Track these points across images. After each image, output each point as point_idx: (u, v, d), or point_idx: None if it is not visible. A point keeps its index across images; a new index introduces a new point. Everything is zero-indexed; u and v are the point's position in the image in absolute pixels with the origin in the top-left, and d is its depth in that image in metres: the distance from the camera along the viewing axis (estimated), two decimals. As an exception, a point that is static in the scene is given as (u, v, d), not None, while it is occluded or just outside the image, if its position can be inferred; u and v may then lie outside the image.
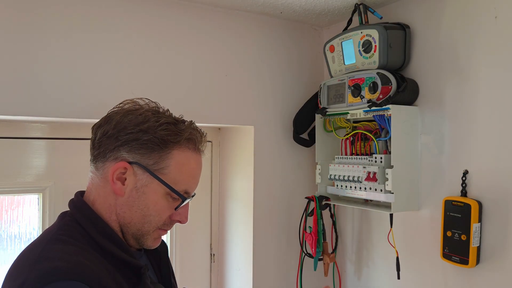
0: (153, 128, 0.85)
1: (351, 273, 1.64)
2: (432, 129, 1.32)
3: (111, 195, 0.86)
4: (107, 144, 0.85)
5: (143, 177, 0.85)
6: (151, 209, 0.86)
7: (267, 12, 1.56)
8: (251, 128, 1.60)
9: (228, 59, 1.54)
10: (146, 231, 0.87)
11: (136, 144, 0.84)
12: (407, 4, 1.39)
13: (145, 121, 0.85)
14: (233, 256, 1.71)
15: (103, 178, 0.86)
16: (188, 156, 0.89)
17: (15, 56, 1.21)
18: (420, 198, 1.35)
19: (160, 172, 0.85)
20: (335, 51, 1.46)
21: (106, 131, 0.86)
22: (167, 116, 0.88)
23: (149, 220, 0.87)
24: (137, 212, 0.86)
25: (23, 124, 1.41)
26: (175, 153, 0.86)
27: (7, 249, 1.41)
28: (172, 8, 1.44)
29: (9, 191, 1.41)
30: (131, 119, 0.85)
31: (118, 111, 0.88)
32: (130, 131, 0.84)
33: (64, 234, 0.82)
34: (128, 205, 0.85)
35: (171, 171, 0.86)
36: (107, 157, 0.85)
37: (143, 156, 0.84)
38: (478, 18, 1.20)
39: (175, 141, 0.86)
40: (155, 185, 0.85)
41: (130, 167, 0.84)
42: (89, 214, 0.85)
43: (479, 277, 1.20)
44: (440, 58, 1.30)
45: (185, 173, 0.88)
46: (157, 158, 0.85)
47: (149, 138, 0.84)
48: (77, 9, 1.29)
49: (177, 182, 0.87)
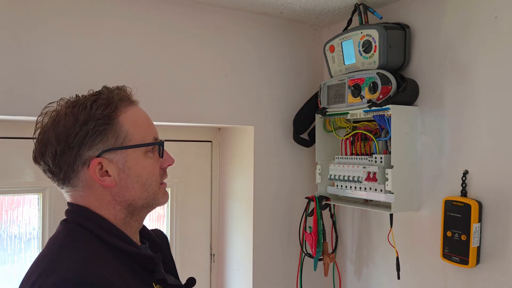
0: (88, 115, 0.83)
1: (351, 273, 1.64)
2: (432, 129, 1.32)
3: (104, 193, 0.86)
4: (65, 160, 0.84)
5: (118, 157, 0.85)
6: (144, 175, 0.88)
7: (267, 12, 1.57)
8: (251, 128, 1.60)
9: (228, 59, 1.54)
10: (153, 193, 0.89)
11: (89, 138, 0.83)
12: (407, 4, 1.39)
13: (77, 115, 0.83)
14: (233, 256, 1.71)
15: (86, 186, 0.85)
16: (131, 113, 0.89)
17: (15, 56, 1.21)
18: (420, 198, 1.35)
19: (126, 142, 0.86)
20: (335, 51, 1.46)
21: (54, 152, 0.84)
22: (86, 98, 0.87)
23: (149, 184, 0.89)
24: (135, 187, 0.87)
25: (23, 124, 1.41)
26: (121, 119, 0.86)
27: (7, 249, 1.41)
28: (172, 8, 1.44)
29: (9, 191, 1.41)
30: (64, 124, 0.83)
31: (44, 130, 0.86)
32: (75, 132, 0.83)
33: (72, 239, 0.82)
34: (125, 188, 0.86)
35: (131, 133, 0.86)
36: (76, 169, 0.84)
37: (102, 142, 0.84)
38: (478, 18, 1.20)
39: (113, 110, 0.86)
40: (132, 154, 0.86)
41: (102, 159, 0.84)
42: (92, 216, 0.85)
43: (479, 277, 1.20)
44: (440, 58, 1.30)
45: (141, 125, 0.89)
46: (114, 134, 0.85)
47: (94, 125, 0.83)
48: (78, 9, 1.29)
49: (143, 137, 0.88)
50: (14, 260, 1.42)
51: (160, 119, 1.42)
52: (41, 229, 1.43)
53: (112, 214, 0.87)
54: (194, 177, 1.73)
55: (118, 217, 0.87)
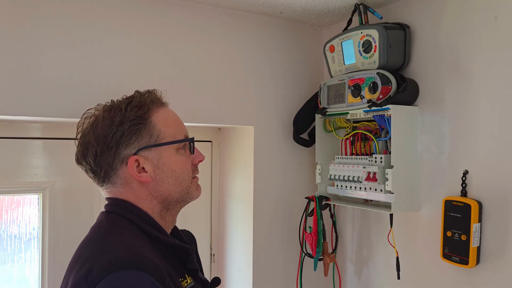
0: (123, 116, 0.91)
1: (351, 273, 1.64)
2: (432, 129, 1.32)
3: (141, 189, 0.92)
4: (105, 159, 0.91)
5: (153, 154, 0.92)
6: (178, 170, 0.94)
7: (267, 12, 1.56)
8: (251, 128, 1.60)
9: (228, 59, 1.54)
10: (186, 187, 0.96)
11: (125, 138, 0.90)
12: (407, 4, 1.39)
13: (113, 116, 0.91)
14: (233, 256, 1.71)
15: (124, 183, 0.92)
16: (163, 113, 0.96)
17: (15, 56, 1.21)
18: (420, 198, 1.35)
19: (159, 140, 0.92)
20: (335, 51, 1.46)
21: (94, 152, 0.91)
22: (120, 102, 0.94)
23: (183, 178, 0.95)
24: (170, 182, 0.93)
25: (23, 124, 1.41)
26: (154, 119, 0.93)
27: (7, 249, 1.41)
28: (171, 8, 1.44)
29: (9, 191, 1.41)
30: (102, 127, 0.91)
31: (85, 134, 0.94)
32: (112, 133, 0.90)
33: (116, 226, 0.88)
34: (160, 183, 0.93)
35: (164, 131, 0.93)
36: (115, 167, 0.91)
37: (138, 141, 0.91)
38: (478, 18, 1.20)
39: (146, 111, 0.93)
40: (165, 151, 0.93)
41: (138, 156, 0.90)
42: (132, 208, 0.91)
43: (479, 277, 1.20)
44: (440, 58, 1.30)
45: (172, 124, 0.96)
46: (147, 133, 0.91)
47: (129, 126, 0.90)
48: (78, 9, 1.29)
49: (174, 134, 0.95)
50: (14, 260, 1.42)
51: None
52: (41, 229, 1.43)
53: (149, 208, 0.93)
54: (194, 177, 1.72)
55: (155, 210, 0.93)
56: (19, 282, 1.42)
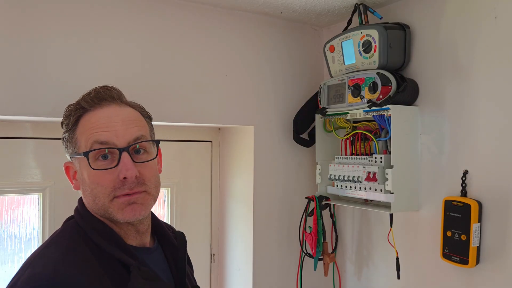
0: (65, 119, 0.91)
1: (351, 273, 1.64)
2: (432, 129, 1.32)
3: None
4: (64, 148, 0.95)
5: (75, 164, 0.90)
6: (89, 183, 0.85)
7: (267, 12, 1.57)
8: (251, 128, 1.60)
9: (228, 59, 1.54)
10: (102, 206, 0.84)
11: (64, 142, 0.92)
12: (407, 4, 1.39)
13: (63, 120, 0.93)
14: (233, 256, 1.71)
15: None
16: (87, 119, 0.87)
17: (15, 56, 1.21)
18: (420, 198, 1.35)
19: (77, 149, 0.88)
20: (335, 51, 1.46)
21: None
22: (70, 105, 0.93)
23: (95, 195, 0.84)
24: (87, 196, 0.86)
25: (23, 124, 1.41)
26: (78, 127, 0.88)
27: (7, 249, 1.41)
28: (172, 8, 1.44)
29: (9, 191, 1.41)
30: None
31: None
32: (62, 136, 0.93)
33: (62, 235, 0.87)
34: (83, 194, 0.89)
35: (79, 140, 0.87)
36: None
37: (67, 148, 0.91)
38: (478, 18, 1.20)
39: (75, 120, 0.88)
40: (82, 162, 0.86)
41: (70, 163, 0.92)
42: (84, 214, 0.89)
43: (479, 277, 1.20)
44: (440, 58, 1.30)
45: (86, 130, 0.85)
46: (72, 143, 0.89)
47: (63, 132, 0.92)
48: (76, 9, 1.29)
49: (85, 143, 0.85)
50: (14, 260, 1.42)
51: (160, 119, 1.42)
52: (41, 229, 1.43)
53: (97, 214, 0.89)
54: (194, 177, 1.73)
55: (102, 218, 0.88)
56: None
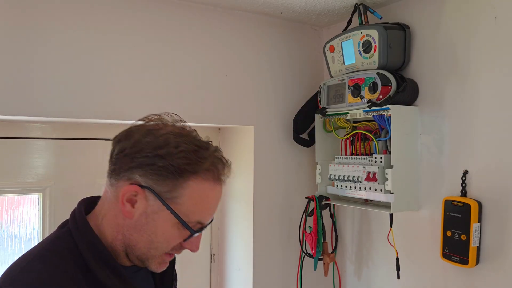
0: (171, 154, 0.78)
1: (351, 273, 1.64)
2: (432, 129, 1.32)
3: (120, 215, 0.81)
4: (123, 162, 0.80)
5: (154, 203, 0.79)
6: (159, 236, 0.81)
7: (267, 12, 1.56)
8: (251, 128, 1.60)
9: (228, 59, 1.54)
10: (151, 256, 0.83)
11: (150, 169, 0.78)
12: (407, 4, 1.39)
13: (164, 145, 0.79)
14: (233, 256, 1.71)
15: (115, 196, 0.82)
16: (205, 188, 0.82)
17: (15, 56, 1.21)
18: (420, 198, 1.35)
19: (173, 202, 0.80)
20: (335, 51, 1.46)
21: (123, 148, 0.81)
22: (189, 141, 0.81)
23: (156, 247, 0.82)
24: (144, 237, 0.81)
25: (23, 124, 1.41)
26: (191, 183, 0.80)
27: (7, 249, 1.41)
28: (172, 8, 1.44)
29: (9, 191, 1.41)
30: (150, 141, 0.80)
31: (139, 128, 0.83)
32: (147, 154, 0.78)
33: (53, 249, 0.79)
34: (135, 229, 0.81)
35: (184, 201, 0.80)
36: (121, 176, 0.80)
37: (156, 182, 0.79)
38: (478, 18, 1.20)
39: (192, 171, 0.80)
40: (166, 214, 0.80)
41: (142, 191, 0.79)
42: (83, 228, 0.81)
43: (479, 277, 1.20)
44: (440, 58, 1.30)
45: (200, 204, 0.83)
46: (170, 187, 0.79)
47: (164, 165, 0.78)
48: (78, 8, 1.29)
49: (189, 213, 0.81)
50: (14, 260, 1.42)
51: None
52: (41, 229, 1.43)
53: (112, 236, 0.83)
54: (194, 177, 1.72)
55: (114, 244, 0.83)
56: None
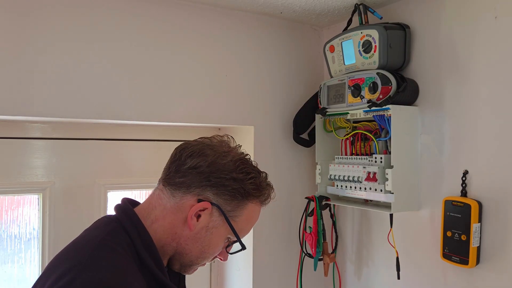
0: (243, 179, 0.89)
1: (351, 273, 1.64)
2: (432, 129, 1.32)
3: (180, 225, 0.88)
4: (195, 178, 0.87)
5: (218, 219, 0.89)
6: (211, 248, 0.92)
7: (267, 12, 1.56)
8: (251, 128, 1.60)
9: (228, 59, 1.54)
10: (196, 264, 0.93)
11: (224, 189, 0.88)
12: (407, 4, 1.39)
13: (237, 170, 0.89)
14: (233, 256, 1.71)
15: (177, 206, 0.88)
16: (256, 209, 0.95)
17: (15, 56, 1.21)
18: (420, 198, 1.35)
19: (232, 220, 0.90)
20: (335, 51, 1.46)
21: (198, 165, 0.87)
22: (252, 168, 0.92)
23: (205, 256, 0.93)
24: (198, 248, 0.90)
25: (23, 124, 1.41)
26: (249, 205, 0.92)
27: (7, 249, 1.41)
28: (172, 8, 1.44)
29: (9, 191, 1.41)
30: (226, 164, 0.88)
31: (212, 148, 0.90)
32: (223, 176, 0.88)
33: (115, 241, 0.82)
34: (193, 240, 0.89)
35: (241, 220, 0.92)
36: (191, 191, 0.87)
37: (225, 201, 0.89)
38: (478, 18, 1.20)
39: (255, 195, 0.92)
40: (223, 228, 0.90)
41: (210, 208, 0.88)
42: (138, 225, 0.86)
43: (479, 277, 1.20)
44: (440, 58, 1.30)
45: (249, 223, 0.95)
46: (235, 206, 0.90)
47: (237, 188, 0.88)
48: (77, 9, 1.29)
49: (241, 230, 0.93)
50: (14, 260, 1.42)
51: (160, 119, 1.42)
52: (41, 229, 1.43)
53: (163, 241, 0.88)
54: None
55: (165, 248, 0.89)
56: (19, 282, 1.42)
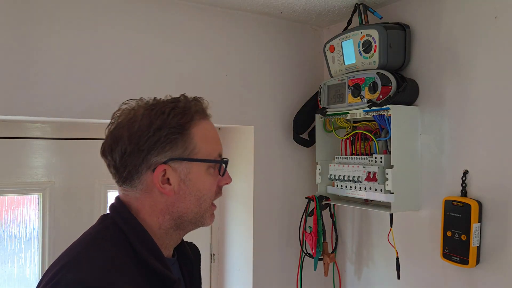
0: (165, 121, 0.85)
1: (351, 273, 1.64)
2: (432, 129, 1.32)
3: (160, 200, 0.86)
4: (132, 160, 0.84)
5: (182, 167, 0.86)
6: (202, 189, 0.89)
7: (267, 12, 1.57)
8: (251, 128, 1.60)
9: (228, 59, 1.54)
10: (204, 210, 0.90)
11: (160, 144, 0.84)
12: (407, 4, 1.39)
13: (154, 119, 0.85)
14: (233, 256, 1.71)
15: (144, 190, 0.86)
16: (204, 126, 0.90)
17: (15, 56, 1.21)
18: (420, 198, 1.35)
19: (193, 154, 0.86)
20: (335, 51, 1.46)
21: (123, 150, 0.84)
22: (165, 104, 0.88)
23: (204, 200, 0.89)
24: (191, 200, 0.88)
25: (23, 124, 1.41)
26: (193, 131, 0.87)
27: (7, 249, 1.41)
28: (172, 8, 1.44)
29: (9, 191, 1.41)
30: (140, 126, 0.84)
31: (119, 127, 0.87)
32: (148, 136, 0.84)
33: (103, 237, 0.82)
34: (181, 198, 0.87)
35: (200, 147, 0.87)
36: (140, 171, 0.85)
37: (171, 150, 0.85)
38: (478, 18, 1.20)
39: (188, 121, 0.87)
40: (196, 167, 0.87)
41: (167, 166, 0.85)
42: (132, 222, 0.86)
43: (479, 277, 1.20)
44: (440, 58, 1.30)
45: (209, 141, 0.90)
46: (183, 145, 0.86)
47: (166, 132, 0.84)
48: (77, 8, 1.29)
49: (209, 152, 0.89)
50: (14, 260, 1.42)
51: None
52: (41, 229, 1.43)
53: (158, 223, 0.87)
54: (194, 177, 1.72)
55: (163, 226, 0.88)
56: (19, 282, 1.42)
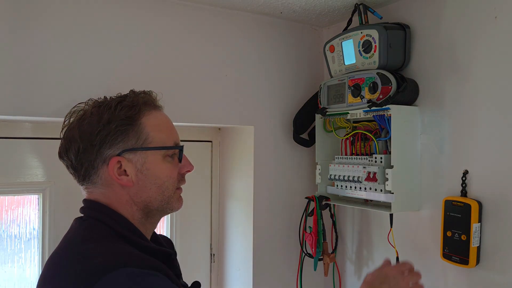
0: (112, 115, 0.87)
1: (351, 273, 1.64)
2: (432, 129, 1.32)
3: (122, 192, 0.88)
4: (87, 157, 0.87)
5: (138, 157, 0.88)
6: (162, 176, 0.90)
7: (267, 12, 1.57)
8: (251, 128, 1.60)
9: (228, 59, 1.54)
10: (168, 197, 0.92)
11: (110, 137, 0.86)
12: (407, 4, 1.39)
13: (102, 114, 0.87)
14: (233, 256, 1.71)
15: (104, 184, 0.88)
16: (155, 116, 0.92)
17: (15, 56, 1.21)
18: (420, 198, 1.35)
19: (146, 144, 0.88)
20: (335, 51, 1.46)
21: (77, 149, 0.87)
22: (112, 99, 0.91)
23: (166, 187, 0.91)
24: (152, 188, 0.89)
25: (23, 124, 1.41)
26: (144, 121, 0.89)
27: (7, 249, 1.41)
28: (171, 8, 1.44)
29: (9, 191, 1.41)
30: (89, 123, 0.87)
31: (70, 128, 0.90)
32: (98, 131, 0.86)
33: (94, 233, 0.84)
34: (142, 188, 0.89)
35: (152, 136, 0.89)
36: (96, 166, 0.87)
37: (123, 142, 0.87)
38: (478, 18, 1.20)
39: (136, 112, 0.89)
40: (151, 156, 0.89)
41: (121, 158, 0.87)
42: (109, 212, 0.87)
43: (479, 277, 1.20)
44: (440, 58, 1.30)
45: (162, 129, 0.92)
46: (134, 135, 0.88)
47: (116, 125, 0.86)
48: (75, 9, 1.29)
49: (163, 141, 0.91)
50: (14, 260, 1.42)
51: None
52: (41, 229, 1.43)
53: (130, 214, 0.89)
54: (194, 177, 1.72)
55: (135, 217, 0.89)
56: (19, 282, 1.42)
